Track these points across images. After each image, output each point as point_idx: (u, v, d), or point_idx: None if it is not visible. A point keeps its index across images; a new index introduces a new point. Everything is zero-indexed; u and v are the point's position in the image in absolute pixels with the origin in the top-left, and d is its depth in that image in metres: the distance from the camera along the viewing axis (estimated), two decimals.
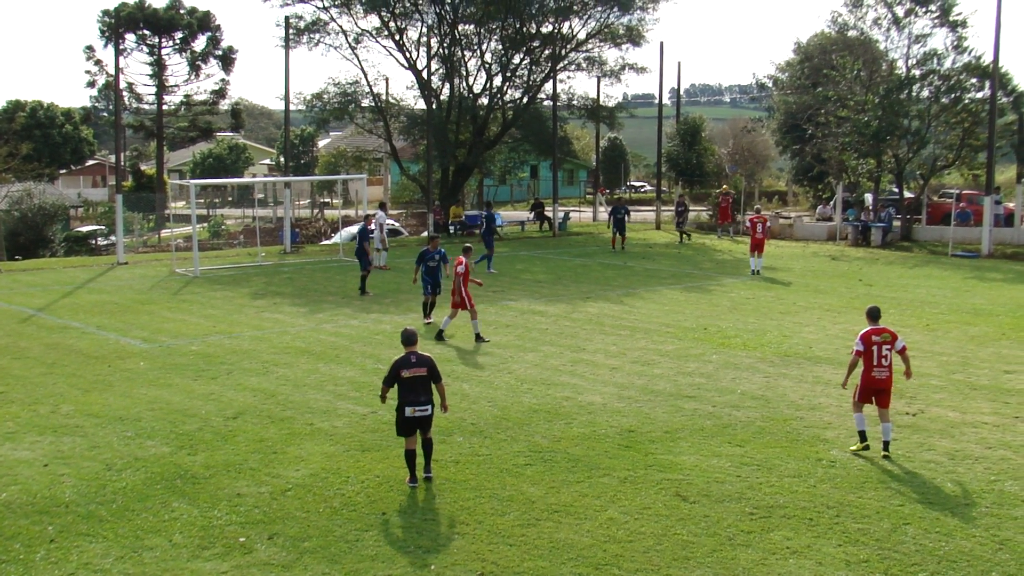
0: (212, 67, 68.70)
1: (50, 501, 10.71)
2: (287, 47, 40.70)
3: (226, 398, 14.87)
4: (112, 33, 62.20)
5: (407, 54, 42.79)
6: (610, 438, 12.82)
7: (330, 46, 43.64)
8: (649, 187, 75.38)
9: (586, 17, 43.48)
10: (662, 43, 56.55)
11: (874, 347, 12.08)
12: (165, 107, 66.93)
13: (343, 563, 9.19)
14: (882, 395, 12.17)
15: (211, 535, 9.81)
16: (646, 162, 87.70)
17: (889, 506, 10.52)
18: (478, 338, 18.92)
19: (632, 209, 45.06)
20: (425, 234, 39.48)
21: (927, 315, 21.96)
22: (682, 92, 66.71)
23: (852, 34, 42.00)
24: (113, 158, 66.98)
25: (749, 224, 30.19)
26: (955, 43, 37.70)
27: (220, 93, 69.37)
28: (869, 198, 41.18)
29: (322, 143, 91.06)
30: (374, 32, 43.01)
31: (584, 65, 45.81)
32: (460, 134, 44.37)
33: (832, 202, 44.09)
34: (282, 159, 75.44)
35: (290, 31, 41.07)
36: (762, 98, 58.45)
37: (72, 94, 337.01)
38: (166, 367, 16.94)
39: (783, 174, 71.32)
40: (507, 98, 45.13)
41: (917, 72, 38.69)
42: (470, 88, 44.87)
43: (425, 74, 42.61)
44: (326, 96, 43.42)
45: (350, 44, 42.92)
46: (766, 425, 13.40)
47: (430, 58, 42.52)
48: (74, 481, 11.30)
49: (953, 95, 37.84)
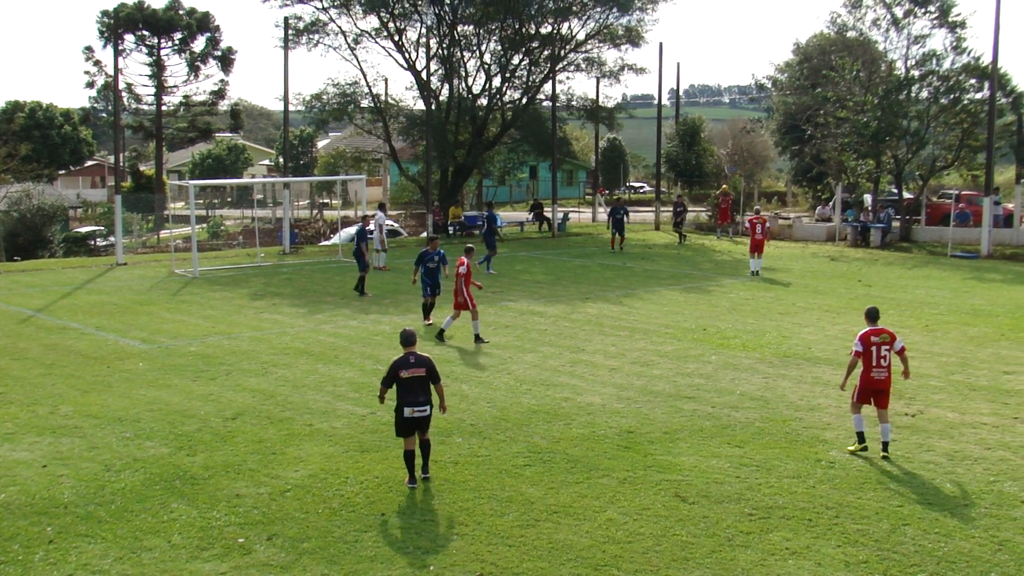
0: (211, 68, 68.73)
1: (49, 502, 10.70)
2: (286, 48, 40.79)
3: (225, 399, 14.86)
4: (111, 34, 62.17)
5: (406, 55, 42.80)
6: (609, 439, 12.82)
7: (329, 47, 43.59)
8: (648, 188, 75.39)
9: (585, 18, 43.49)
10: (661, 44, 56.63)
11: (873, 348, 12.08)
12: (164, 108, 66.89)
13: (342, 564, 9.19)
14: (881, 396, 12.18)
15: (210, 536, 9.81)
16: (645, 163, 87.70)
17: (888, 507, 10.52)
18: (477, 339, 18.91)
19: (631, 210, 45.07)
20: (424, 235, 39.47)
21: (926, 316, 21.97)
22: (681, 93, 66.70)
23: (851, 35, 42.00)
24: (112, 159, 67.05)
25: (748, 225, 30.19)
26: (954, 44, 37.74)
27: (219, 94, 69.36)
28: (868, 199, 41.19)
29: (321, 144, 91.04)
30: (373, 33, 43.02)
31: (583, 66, 45.82)
32: (459, 135, 44.37)
33: (831, 203, 44.12)
34: (281, 160, 75.46)
35: (289, 32, 41.11)
36: (761, 99, 58.52)
37: (71, 95, 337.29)
38: (165, 368, 16.94)
39: (782, 175, 71.36)
40: (506, 99, 45.14)
41: (916, 73, 38.70)
42: (469, 89, 44.89)
43: (424, 75, 42.62)
44: (325, 97, 43.42)
45: (349, 45, 42.95)
46: (765, 426, 13.40)
47: (429, 59, 42.53)
48: (73, 482, 11.30)
49: (952, 96, 37.87)
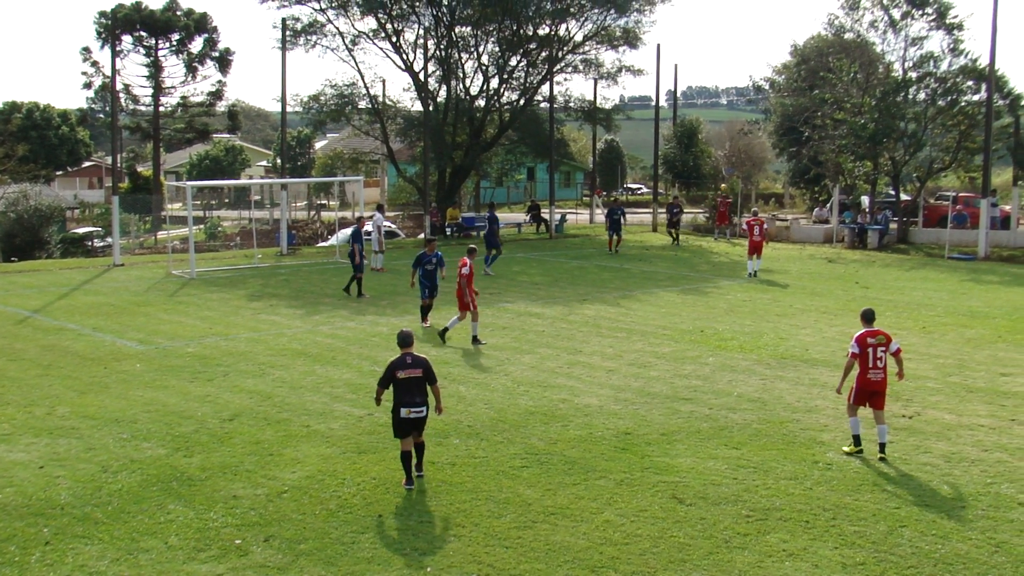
0: (209, 69, 68.55)
1: (45, 503, 10.68)
2: (284, 49, 40.80)
3: (222, 400, 14.85)
4: (109, 34, 62.05)
5: (404, 56, 42.81)
6: (606, 440, 12.82)
7: (327, 48, 43.67)
8: (646, 189, 75.41)
9: (583, 19, 43.54)
10: (659, 45, 56.54)
11: (869, 349, 12.10)
12: (162, 109, 66.78)
13: (339, 565, 9.18)
14: (877, 397, 12.19)
15: (207, 537, 9.80)
16: (643, 164, 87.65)
17: (885, 508, 10.52)
18: (475, 340, 18.89)
19: (628, 211, 45.07)
20: (422, 236, 39.47)
21: (923, 318, 21.99)
22: (679, 94, 66.64)
23: (848, 37, 42.08)
24: (109, 160, 66.94)
25: (746, 226, 30.21)
26: (951, 46, 37.80)
27: (217, 95, 69.22)
28: (866, 200, 41.25)
29: (319, 145, 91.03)
30: (371, 34, 43.06)
31: (581, 67, 45.89)
32: (457, 136, 44.39)
33: (829, 204, 44.15)
34: (279, 161, 75.36)
35: (287, 33, 41.13)
36: (759, 100, 58.61)
37: (69, 95, 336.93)
38: (162, 369, 16.92)
39: (780, 176, 71.47)
40: (504, 100, 45.19)
41: (913, 75, 38.75)
42: (467, 90, 44.93)
43: (422, 76, 42.64)
44: (323, 98, 43.45)
45: (347, 46, 42.99)
46: (762, 427, 13.40)
47: (427, 60, 42.56)
48: (70, 483, 11.28)
49: (949, 98, 37.91)
